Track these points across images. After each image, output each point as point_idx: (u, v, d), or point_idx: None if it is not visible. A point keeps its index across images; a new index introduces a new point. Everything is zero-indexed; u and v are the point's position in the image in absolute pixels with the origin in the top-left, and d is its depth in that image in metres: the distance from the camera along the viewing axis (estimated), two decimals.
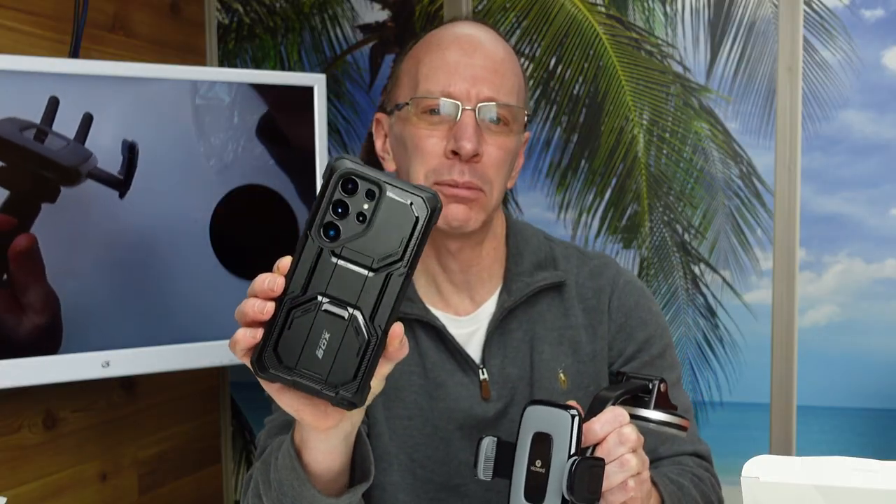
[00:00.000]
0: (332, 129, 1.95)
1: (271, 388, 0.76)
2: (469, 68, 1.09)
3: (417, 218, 0.70)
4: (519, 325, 1.15)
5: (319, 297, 0.70)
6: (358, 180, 0.70)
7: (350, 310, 0.70)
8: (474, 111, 1.07)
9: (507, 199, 1.83)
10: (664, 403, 0.97)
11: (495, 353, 1.14)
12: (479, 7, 1.84)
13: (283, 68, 1.99)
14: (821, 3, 1.64)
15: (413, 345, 1.13)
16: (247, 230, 1.62)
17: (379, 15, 1.92)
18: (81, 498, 1.70)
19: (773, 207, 1.69)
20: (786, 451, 1.68)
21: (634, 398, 0.97)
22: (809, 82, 1.65)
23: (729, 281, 1.73)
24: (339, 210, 0.70)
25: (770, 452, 1.68)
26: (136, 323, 1.51)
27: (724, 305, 1.73)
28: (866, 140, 1.64)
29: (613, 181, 1.78)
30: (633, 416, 0.95)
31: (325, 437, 0.84)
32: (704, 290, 1.74)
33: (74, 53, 1.61)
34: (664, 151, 1.75)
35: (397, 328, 0.72)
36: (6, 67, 1.37)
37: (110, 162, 1.48)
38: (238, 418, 2.07)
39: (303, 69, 1.98)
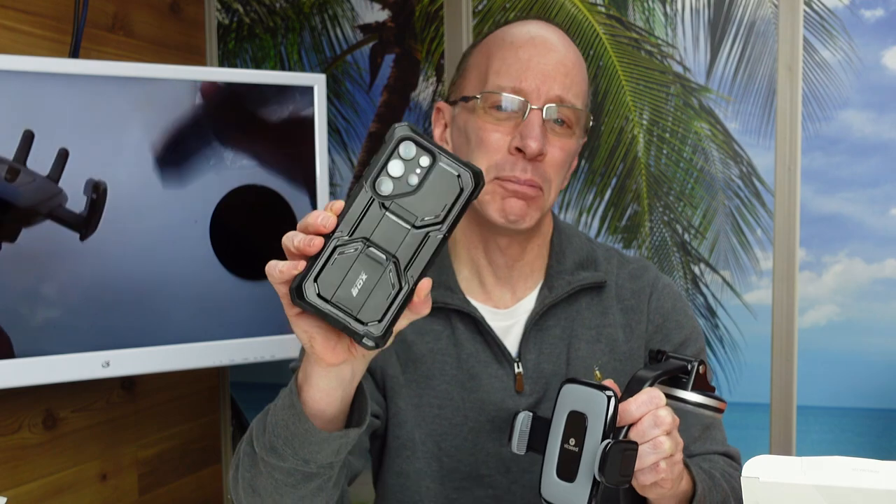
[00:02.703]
0: (332, 129, 1.95)
1: (291, 312, 0.79)
2: (541, 66, 1.10)
3: (462, 189, 0.77)
4: (557, 322, 1.16)
5: (364, 242, 0.75)
6: (416, 146, 0.76)
7: (389, 257, 0.76)
8: (541, 111, 1.09)
9: None
10: (702, 385, 0.96)
11: (532, 348, 1.15)
12: (480, 7, 1.84)
13: (283, 68, 1.99)
14: (821, 3, 1.64)
15: (450, 334, 1.15)
16: (247, 230, 1.62)
17: (379, 15, 1.92)
18: (81, 498, 1.70)
19: (773, 207, 1.69)
20: (786, 451, 1.68)
21: (673, 379, 0.97)
22: (809, 82, 1.65)
23: (729, 281, 1.73)
24: (395, 169, 0.76)
25: (770, 452, 1.68)
26: (136, 323, 1.51)
27: (724, 305, 1.73)
28: (866, 140, 1.64)
29: (613, 181, 1.78)
30: (671, 397, 0.95)
31: (325, 374, 0.86)
32: (704, 290, 1.74)
33: (74, 53, 1.61)
34: (664, 151, 1.75)
35: (425, 283, 0.77)
36: (6, 67, 1.37)
37: (110, 168, 1.48)
38: (238, 418, 2.07)
39: (303, 69, 1.98)
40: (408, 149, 0.76)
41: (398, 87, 1.92)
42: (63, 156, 1.41)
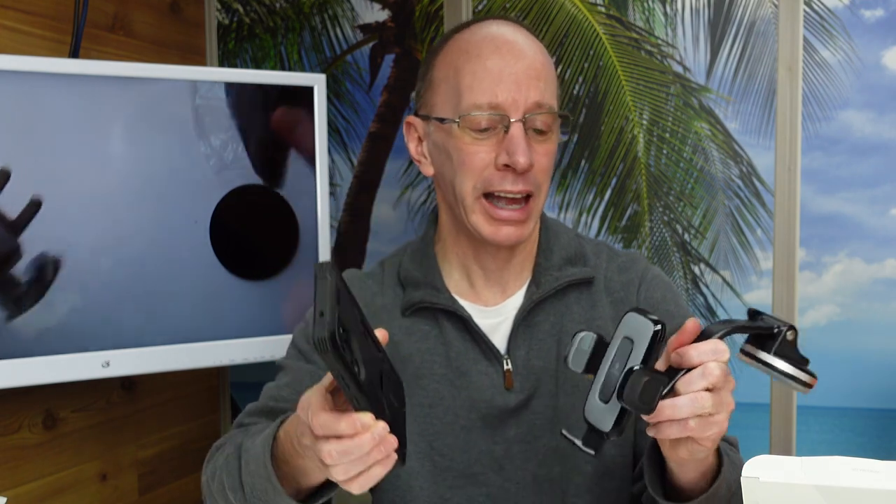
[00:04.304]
0: (332, 129, 1.95)
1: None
2: (513, 76, 1.08)
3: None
4: (546, 318, 1.16)
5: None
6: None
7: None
8: (522, 122, 1.08)
9: None
10: (791, 354, 0.91)
11: (521, 345, 1.15)
12: (480, 7, 1.84)
13: (283, 68, 1.99)
14: (821, 3, 1.64)
15: (437, 333, 1.16)
16: (247, 230, 1.62)
17: (379, 15, 1.92)
18: (81, 498, 1.70)
19: (773, 207, 1.69)
20: (786, 451, 1.68)
21: (760, 340, 0.92)
22: (809, 82, 1.65)
23: (729, 281, 1.73)
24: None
25: (770, 452, 1.68)
26: (136, 323, 1.51)
27: (724, 305, 1.73)
28: (866, 140, 1.63)
29: (613, 181, 1.78)
30: (754, 358, 0.92)
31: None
32: (704, 290, 1.74)
33: (74, 53, 1.61)
34: (664, 151, 1.75)
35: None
36: (6, 67, 1.37)
37: (110, 167, 1.48)
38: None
39: (303, 69, 1.98)
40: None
41: (398, 87, 1.92)
42: (36, 205, 1.40)
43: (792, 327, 0.91)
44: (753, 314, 0.95)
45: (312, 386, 1.14)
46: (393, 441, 0.83)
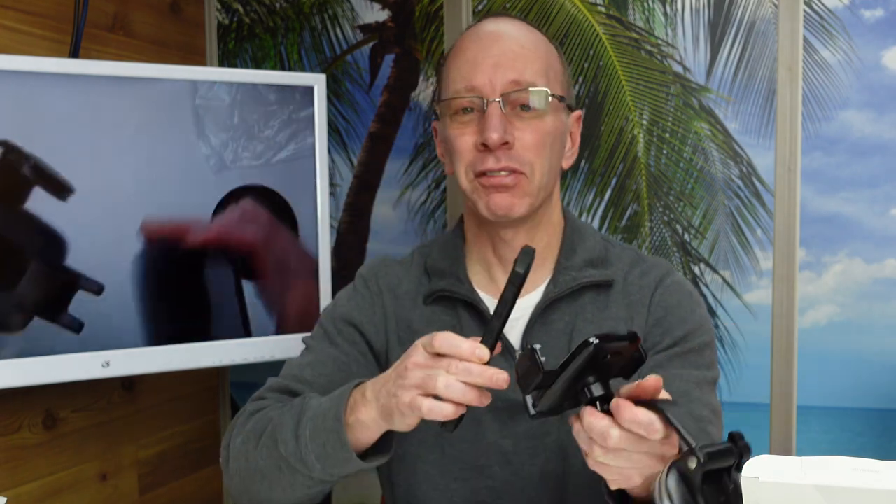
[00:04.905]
0: (332, 128, 1.95)
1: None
2: (488, 59, 1.11)
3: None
4: (561, 317, 1.17)
5: None
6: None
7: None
8: (499, 102, 1.10)
9: None
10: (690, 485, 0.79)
11: (534, 341, 1.15)
12: (480, 7, 1.84)
13: (283, 68, 1.99)
14: (821, 3, 1.64)
15: (455, 324, 1.18)
16: (247, 230, 1.62)
17: (379, 15, 1.92)
18: (81, 498, 1.70)
19: (773, 207, 1.69)
20: (786, 451, 1.68)
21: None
22: (809, 82, 1.65)
23: (729, 281, 1.73)
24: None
25: (770, 452, 1.68)
26: (136, 323, 1.51)
27: (724, 305, 1.73)
28: (866, 140, 1.63)
29: (613, 181, 1.78)
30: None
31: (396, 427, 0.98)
32: (704, 290, 1.74)
33: (74, 53, 1.61)
34: (664, 151, 1.75)
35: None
36: (6, 67, 1.37)
37: (110, 167, 1.48)
38: None
39: (303, 69, 1.98)
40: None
41: (398, 87, 1.92)
42: None
43: (694, 453, 0.77)
44: (733, 438, 0.80)
45: (335, 370, 1.18)
46: (489, 395, 0.92)
